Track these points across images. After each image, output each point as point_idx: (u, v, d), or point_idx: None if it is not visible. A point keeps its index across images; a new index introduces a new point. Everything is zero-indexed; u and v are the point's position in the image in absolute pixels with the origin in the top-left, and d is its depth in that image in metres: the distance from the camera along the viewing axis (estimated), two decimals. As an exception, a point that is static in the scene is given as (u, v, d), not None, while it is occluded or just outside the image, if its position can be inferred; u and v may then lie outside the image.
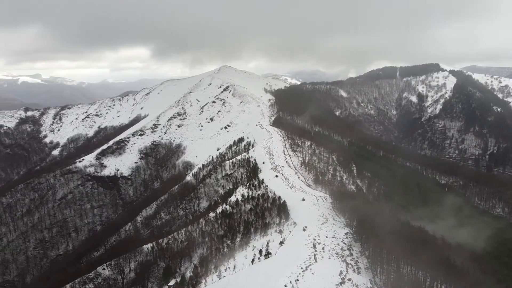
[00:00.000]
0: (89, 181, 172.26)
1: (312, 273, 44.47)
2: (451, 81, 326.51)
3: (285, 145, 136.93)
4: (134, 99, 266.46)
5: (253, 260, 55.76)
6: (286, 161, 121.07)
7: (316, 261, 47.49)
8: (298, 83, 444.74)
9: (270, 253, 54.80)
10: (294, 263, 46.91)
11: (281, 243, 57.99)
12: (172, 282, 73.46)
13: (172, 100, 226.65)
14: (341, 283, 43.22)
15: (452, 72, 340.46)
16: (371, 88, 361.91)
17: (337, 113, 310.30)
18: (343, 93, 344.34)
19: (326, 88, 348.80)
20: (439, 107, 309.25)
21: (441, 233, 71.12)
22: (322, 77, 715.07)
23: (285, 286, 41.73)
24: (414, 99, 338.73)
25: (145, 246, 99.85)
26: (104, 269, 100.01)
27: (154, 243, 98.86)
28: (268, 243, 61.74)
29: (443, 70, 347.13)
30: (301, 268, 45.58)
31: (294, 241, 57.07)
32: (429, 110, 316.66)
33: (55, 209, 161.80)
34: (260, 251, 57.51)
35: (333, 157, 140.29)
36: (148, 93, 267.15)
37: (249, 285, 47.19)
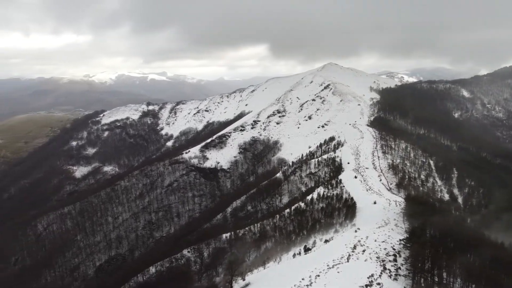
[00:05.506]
0: (193, 171, 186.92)
1: (338, 272, 42.84)
2: None
3: (376, 146, 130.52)
4: (241, 96, 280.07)
5: (294, 254, 55.84)
6: (373, 163, 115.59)
7: (347, 261, 45.54)
8: (416, 81, 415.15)
9: (310, 249, 54.19)
10: (322, 260, 45.85)
11: (326, 241, 56.74)
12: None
13: (274, 98, 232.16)
14: (366, 285, 40.88)
15: None
16: (501, 87, 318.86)
17: (456, 115, 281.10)
18: (465, 93, 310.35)
19: (444, 87, 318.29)
20: None
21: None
22: (446, 74, 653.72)
23: (303, 279, 41.22)
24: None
25: (224, 235, 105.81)
26: (188, 251, 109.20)
27: (232, 233, 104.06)
28: (317, 240, 60.92)
29: None
30: (327, 265, 44.25)
31: (339, 240, 55.25)
32: None
33: (162, 195, 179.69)
34: (305, 247, 57.17)
35: (431, 161, 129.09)
36: (253, 91, 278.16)
37: (280, 276, 47.61)
